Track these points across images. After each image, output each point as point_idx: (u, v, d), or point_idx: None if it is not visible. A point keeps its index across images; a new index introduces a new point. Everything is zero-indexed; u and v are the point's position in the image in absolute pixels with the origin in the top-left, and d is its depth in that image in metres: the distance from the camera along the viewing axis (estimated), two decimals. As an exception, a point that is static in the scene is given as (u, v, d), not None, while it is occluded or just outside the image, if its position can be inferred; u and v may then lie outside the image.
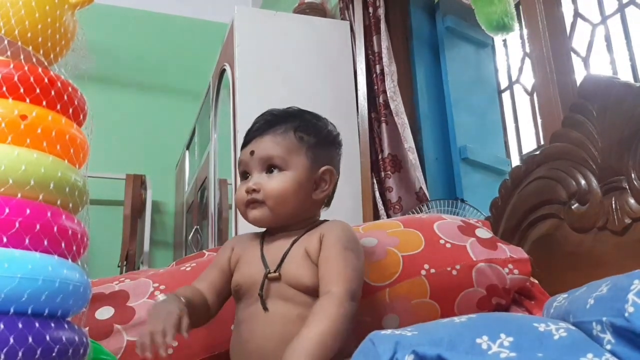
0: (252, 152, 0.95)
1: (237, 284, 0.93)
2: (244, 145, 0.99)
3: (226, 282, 0.95)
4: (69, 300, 0.41)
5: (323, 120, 1.02)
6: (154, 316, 0.78)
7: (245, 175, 0.97)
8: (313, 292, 0.87)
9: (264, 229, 1.00)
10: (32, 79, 0.41)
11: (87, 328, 0.94)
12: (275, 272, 0.89)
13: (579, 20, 1.77)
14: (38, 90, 0.41)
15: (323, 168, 0.96)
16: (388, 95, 2.07)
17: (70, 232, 0.41)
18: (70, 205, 0.42)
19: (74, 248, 0.42)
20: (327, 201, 1.01)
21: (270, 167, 0.94)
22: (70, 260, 0.41)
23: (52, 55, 0.44)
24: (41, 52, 0.43)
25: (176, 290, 0.90)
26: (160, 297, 0.84)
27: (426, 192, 1.98)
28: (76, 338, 0.42)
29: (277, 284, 0.89)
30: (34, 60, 0.42)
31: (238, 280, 0.93)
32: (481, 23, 1.58)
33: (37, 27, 0.42)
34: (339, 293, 0.82)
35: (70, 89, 0.44)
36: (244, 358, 0.88)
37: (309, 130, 0.97)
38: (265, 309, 0.87)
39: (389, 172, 2.05)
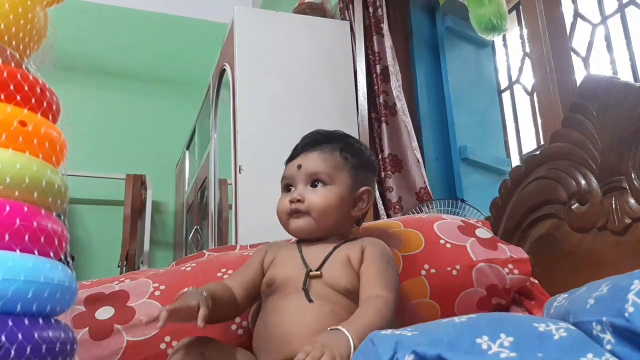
0: (299, 166, 1.01)
1: (272, 279, 0.96)
2: (290, 160, 1.05)
3: (257, 282, 0.99)
4: (53, 298, 0.40)
5: (364, 146, 1.10)
6: (175, 304, 0.81)
7: (288, 187, 1.03)
8: (348, 294, 0.92)
9: (295, 239, 1.05)
10: (5, 74, 0.41)
11: (86, 328, 0.94)
12: (317, 270, 0.94)
13: (579, 20, 1.77)
14: (12, 87, 0.41)
15: (363, 188, 1.03)
16: (394, 95, 2.07)
17: (49, 229, 0.41)
18: (50, 200, 0.42)
19: (55, 245, 0.42)
20: (359, 220, 1.07)
21: (315, 181, 0.99)
22: (52, 256, 0.41)
23: (21, 49, 0.44)
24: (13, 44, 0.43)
25: (204, 285, 0.93)
26: (186, 289, 0.88)
27: (425, 192, 1.98)
28: (62, 335, 0.41)
29: (317, 281, 0.93)
30: (9, 53, 0.42)
31: (273, 275, 0.97)
32: (473, 25, 1.58)
33: (9, 19, 0.42)
34: (391, 299, 0.88)
35: (40, 83, 0.44)
36: (269, 341, 0.90)
37: (353, 152, 1.03)
38: (310, 300, 0.90)
39: (389, 172, 2.05)
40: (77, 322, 0.94)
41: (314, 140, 1.04)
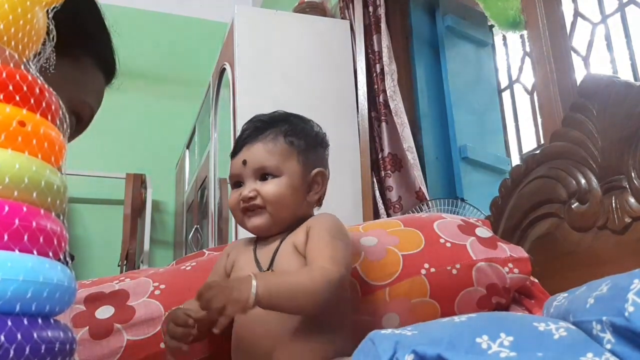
0: (244, 162, 0.95)
1: None
2: (234, 154, 0.99)
3: None
4: (52, 298, 0.40)
5: (310, 123, 1.03)
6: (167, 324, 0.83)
7: (237, 184, 0.97)
8: None
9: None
10: (4, 75, 0.41)
11: (86, 327, 0.94)
12: (268, 270, 0.90)
13: (579, 19, 1.77)
14: (11, 87, 0.41)
15: (315, 170, 0.97)
16: (388, 95, 2.07)
17: (48, 229, 0.41)
18: (49, 200, 0.42)
19: (54, 245, 0.42)
20: (319, 200, 1.01)
21: (263, 175, 0.94)
22: (51, 257, 0.41)
23: (20, 49, 0.44)
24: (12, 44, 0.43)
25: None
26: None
27: (426, 191, 1.98)
28: (62, 335, 0.41)
29: None
30: (7, 54, 0.42)
31: None
32: (493, 19, 1.56)
33: (8, 19, 0.41)
34: (333, 271, 0.82)
35: (39, 83, 0.44)
36: (240, 353, 0.89)
37: (299, 134, 0.97)
38: None
39: (389, 171, 2.05)
40: (77, 322, 0.94)
41: (255, 129, 0.97)
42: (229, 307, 0.74)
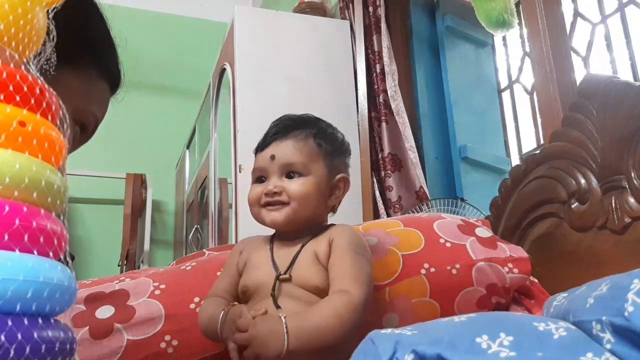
0: (272, 157, 0.95)
1: (245, 286, 0.94)
2: (261, 149, 0.99)
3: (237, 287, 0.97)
4: (52, 298, 0.40)
5: (336, 130, 1.04)
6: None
7: (260, 179, 0.97)
8: (321, 293, 0.88)
9: (272, 233, 1.01)
10: (4, 75, 0.41)
11: (87, 327, 0.94)
12: (285, 273, 0.91)
13: (579, 19, 1.77)
14: (11, 87, 0.41)
15: (339, 176, 0.99)
16: (389, 95, 2.07)
17: (49, 229, 0.41)
18: (49, 200, 0.42)
19: (55, 245, 0.42)
20: (335, 207, 1.02)
21: (290, 172, 0.94)
22: (52, 256, 0.41)
23: (20, 50, 0.44)
24: (12, 45, 0.43)
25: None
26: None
27: (426, 191, 1.98)
28: (62, 334, 0.41)
29: (287, 284, 0.90)
30: (8, 54, 0.42)
31: (246, 282, 0.94)
32: (481, 19, 1.57)
33: (9, 19, 0.41)
34: (357, 297, 0.84)
35: (40, 84, 0.44)
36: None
37: (327, 138, 0.99)
38: (277, 306, 0.88)
39: (389, 171, 2.05)
40: (77, 321, 0.95)
41: (286, 127, 0.98)
42: (262, 358, 0.78)
